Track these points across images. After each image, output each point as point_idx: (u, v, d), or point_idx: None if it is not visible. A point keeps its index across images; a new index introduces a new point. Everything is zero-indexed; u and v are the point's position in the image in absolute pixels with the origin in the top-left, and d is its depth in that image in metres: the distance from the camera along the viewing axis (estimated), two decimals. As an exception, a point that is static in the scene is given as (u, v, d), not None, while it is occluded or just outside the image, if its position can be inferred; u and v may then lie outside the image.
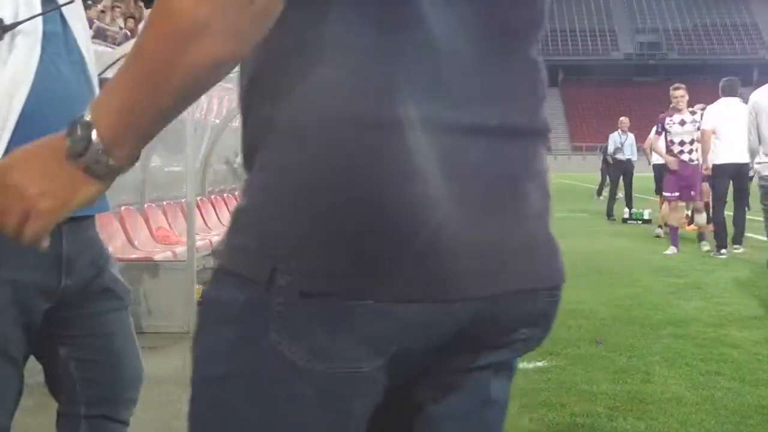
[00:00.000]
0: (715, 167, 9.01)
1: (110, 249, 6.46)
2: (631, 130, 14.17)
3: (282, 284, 0.86)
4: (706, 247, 9.33)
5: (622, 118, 14.62)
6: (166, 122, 0.88)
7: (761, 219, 6.40)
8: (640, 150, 13.11)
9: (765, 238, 10.14)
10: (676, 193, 9.29)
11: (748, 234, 10.15)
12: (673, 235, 9.43)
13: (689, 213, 11.60)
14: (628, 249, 9.80)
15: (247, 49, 0.83)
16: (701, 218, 9.51)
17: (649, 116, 9.32)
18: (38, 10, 1.62)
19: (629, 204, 14.06)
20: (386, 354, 0.89)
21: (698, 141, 9.16)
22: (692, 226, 11.71)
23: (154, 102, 0.84)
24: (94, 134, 0.85)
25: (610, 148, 14.38)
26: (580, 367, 4.34)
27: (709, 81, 66.12)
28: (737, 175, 8.92)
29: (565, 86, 69.88)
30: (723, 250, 8.99)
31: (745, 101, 8.07)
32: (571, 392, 3.89)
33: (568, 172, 46.02)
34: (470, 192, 0.88)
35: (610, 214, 14.18)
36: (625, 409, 3.64)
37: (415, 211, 0.85)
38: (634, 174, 14.18)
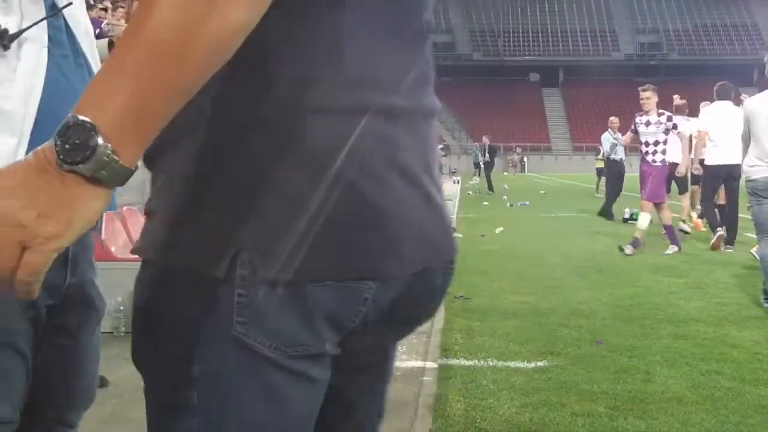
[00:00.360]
0: (707, 168, 9.33)
1: (112, 249, 6.38)
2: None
3: (243, 274, 0.87)
4: (628, 250, 9.25)
5: (612, 118, 14.69)
6: (181, 105, 0.78)
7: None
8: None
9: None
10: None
11: (748, 234, 10.16)
12: (670, 234, 9.45)
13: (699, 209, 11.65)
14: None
15: (261, 13, 0.78)
16: (644, 220, 9.46)
17: (649, 116, 9.32)
18: (41, 15, 1.63)
19: (610, 203, 14.22)
20: (344, 330, 0.94)
21: (664, 143, 9.27)
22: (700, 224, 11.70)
23: (173, 82, 0.75)
24: (99, 136, 0.73)
25: (606, 147, 14.39)
26: (580, 366, 4.35)
27: (710, 81, 66.18)
28: (728, 176, 9.10)
29: (566, 86, 69.92)
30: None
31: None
32: (571, 392, 3.89)
33: (569, 173, 46.03)
34: (408, 173, 0.93)
35: (610, 216, 14.20)
36: (626, 408, 3.64)
37: (369, 197, 0.89)
38: (626, 174, 14.21)
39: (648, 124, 9.34)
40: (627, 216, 13.83)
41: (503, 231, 12.08)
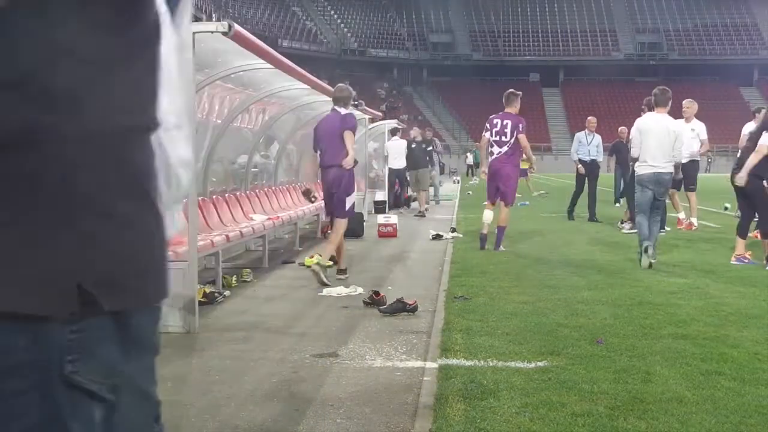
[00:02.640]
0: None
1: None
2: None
3: (74, 310, 0.86)
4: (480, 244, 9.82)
5: (590, 118, 14.54)
6: None
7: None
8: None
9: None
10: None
11: (751, 235, 10.14)
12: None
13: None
14: (629, 249, 9.79)
15: None
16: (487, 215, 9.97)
17: (649, 116, 9.45)
18: None
19: (592, 207, 13.86)
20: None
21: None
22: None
23: None
24: None
25: (574, 148, 14.20)
26: (580, 366, 4.35)
27: (710, 81, 66.15)
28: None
29: (566, 86, 69.87)
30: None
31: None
32: (571, 392, 3.89)
33: (569, 172, 45.92)
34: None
35: (571, 215, 14.21)
36: (626, 408, 3.64)
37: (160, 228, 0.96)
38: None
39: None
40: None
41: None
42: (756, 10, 72.44)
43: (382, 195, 16.64)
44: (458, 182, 32.05)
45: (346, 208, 7.67)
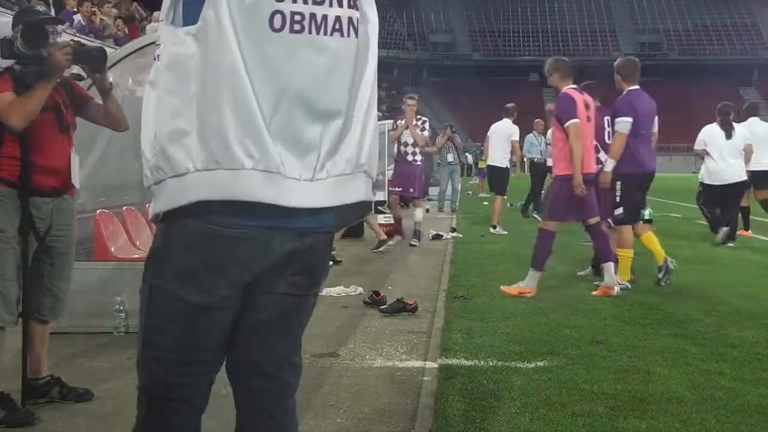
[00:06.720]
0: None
1: (112, 249, 6.39)
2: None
3: None
4: (415, 242, 10.59)
5: (537, 120, 14.75)
6: None
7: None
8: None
9: (766, 238, 10.18)
10: (399, 188, 10.98)
11: (753, 234, 10.18)
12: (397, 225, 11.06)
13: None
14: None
15: None
16: (419, 213, 11.05)
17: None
18: None
19: (537, 207, 14.06)
20: None
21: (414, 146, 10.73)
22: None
23: None
24: None
25: (526, 149, 14.46)
26: (580, 366, 4.35)
27: (710, 81, 66.07)
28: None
29: (566, 86, 69.87)
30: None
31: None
32: (571, 392, 3.89)
33: (569, 172, 45.78)
34: None
35: (525, 212, 14.81)
36: (626, 408, 3.64)
37: None
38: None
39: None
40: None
41: (503, 231, 12.07)
42: (756, 10, 72.46)
43: (382, 195, 16.61)
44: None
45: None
